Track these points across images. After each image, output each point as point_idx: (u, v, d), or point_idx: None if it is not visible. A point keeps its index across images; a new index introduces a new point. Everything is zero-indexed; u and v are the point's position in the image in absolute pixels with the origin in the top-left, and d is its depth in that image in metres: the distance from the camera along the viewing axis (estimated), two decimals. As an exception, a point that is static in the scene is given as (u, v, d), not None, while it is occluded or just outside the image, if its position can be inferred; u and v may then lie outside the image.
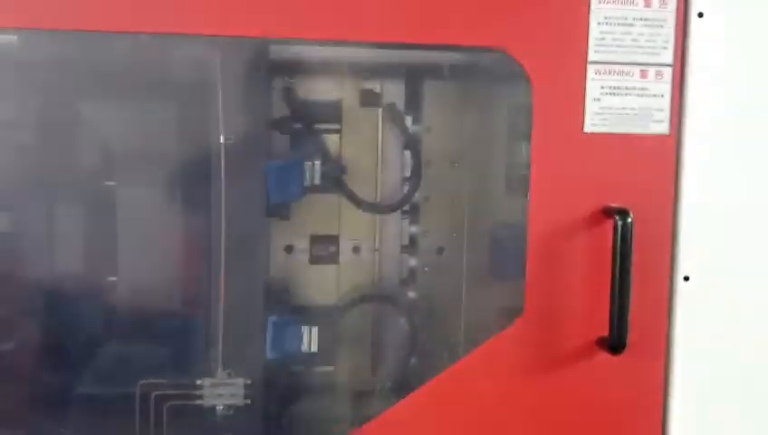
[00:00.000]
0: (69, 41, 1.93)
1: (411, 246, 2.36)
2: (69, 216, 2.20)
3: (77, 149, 2.22)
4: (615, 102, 1.87)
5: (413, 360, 2.33)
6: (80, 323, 2.21)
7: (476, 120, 2.33)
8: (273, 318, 2.19)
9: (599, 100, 1.86)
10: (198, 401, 2.11)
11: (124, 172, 2.19)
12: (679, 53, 1.87)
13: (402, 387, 2.05)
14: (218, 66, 2.08)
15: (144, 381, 2.11)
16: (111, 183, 2.17)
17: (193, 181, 2.19)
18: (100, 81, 2.10)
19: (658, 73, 1.87)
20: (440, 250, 2.36)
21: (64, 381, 2.16)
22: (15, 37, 2.00)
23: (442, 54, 2.18)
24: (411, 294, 2.38)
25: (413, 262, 2.37)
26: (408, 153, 2.33)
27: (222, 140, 2.08)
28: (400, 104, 2.32)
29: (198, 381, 2.11)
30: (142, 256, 2.22)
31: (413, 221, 2.36)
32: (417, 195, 2.33)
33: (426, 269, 2.36)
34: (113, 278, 2.19)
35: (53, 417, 2.15)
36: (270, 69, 2.18)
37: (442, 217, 2.37)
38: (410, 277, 2.38)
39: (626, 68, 1.86)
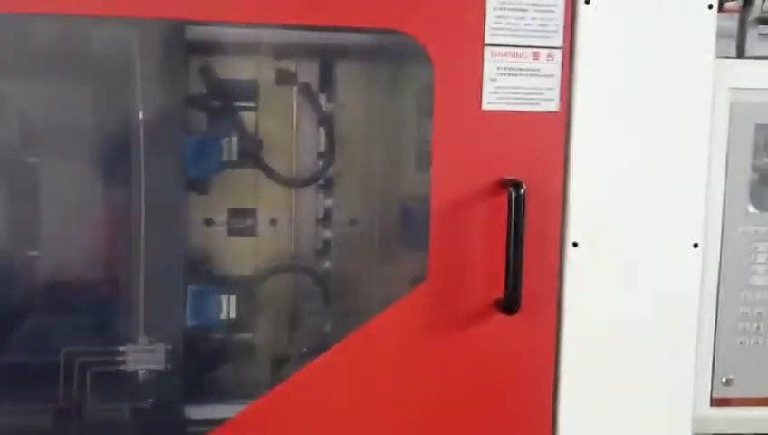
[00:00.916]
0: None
1: (326, 218, 2.46)
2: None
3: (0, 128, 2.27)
4: (510, 82, 1.98)
5: (327, 326, 2.44)
6: (6, 296, 2.26)
7: (386, 98, 2.44)
8: (192, 287, 2.28)
9: (495, 80, 1.97)
10: (121, 367, 2.18)
11: (46, 149, 2.25)
12: (568, 36, 1.97)
13: (317, 352, 2.15)
14: (136, 46, 2.16)
15: (68, 348, 2.18)
16: (33, 159, 2.23)
17: (113, 157, 2.26)
18: (23, 61, 2.16)
19: (549, 55, 1.99)
20: (353, 222, 2.47)
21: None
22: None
23: (352, 36, 2.27)
24: (326, 265, 2.49)
25: (327, 234, 2.48)
26: (322, 130, 2.44)
27: (141, 116, 2.16)
28: (314, 83, 2.41)
29: (121, 348, 2.19)
30: (65, 231, 2.28)
31: (327, 195, 2.45)
32: (331, 170, 2.43)
33: (339, 241, 2.47)
34: (36, 253, 2.25)
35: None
36: (187, 49, 2.25)
37: (355, 190, 2.48)
38: (325, 248, 2.48)
39: (519, 50, 1.97)
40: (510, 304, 1.96)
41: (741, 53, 2.33)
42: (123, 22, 2.04)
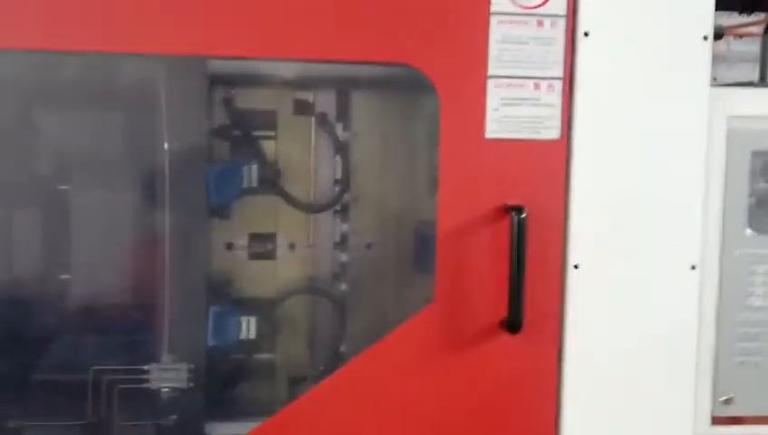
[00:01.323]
0: (27, 59, 2.14)
1: (342, 242, 2.55)
2: (28, 219, 2.37)
3: (35, 157, 2.39)
4: (512, 111, 2.07)
5: (343, 346, 2.54)
6: (38, 317, 2.38)
7: (399, 127, 2.55)
8: (214, 308, 2.39)
9: (497, 109, 2.07)
10: (146, 385, 2.29)
11: (77, 178, 2.38)
12: (568, 67, 2.07)
13: (332, 371, 2.25)
14: (162, 80, 2.29)
15: (96, 367, 2.29)
16: (66, 187, 2.36)
17: (141, 185, 2.39)
18: (59, 96, 2.30)
19: (550, 86, 2.09)
20: (369, 246, 2.57)
21: (26, 370, 2.32)
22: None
23: (365, 68, 2.39)
24: (342, 287, 2.59)
25: (344, 257, 2.58)
26: (338, 158, 2.55)
27: (166, 146, 2.29)
28: (331, 113, 2.53)
29: (146, 367, 2.30)
30: (94, 255, 2.40)
31: (344, 220, 2.54)
32: (347, 196, 2.54)
33: (354, 263, 2.57)
34: (67, 276, 2.37)
35: (16, 403, 2.30)
36: (210, 82, 2.38)
37: (370, 216, 2.59)
38: (342, 271, 2.57)
39: (521, 81, 2.07)
40: (513, 323, 2.05)
41: (763, 77, 2.41)
42: (149, 58, 2.16)
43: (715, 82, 2.15)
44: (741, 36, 5.04)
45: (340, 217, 2.55)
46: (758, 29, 2.70)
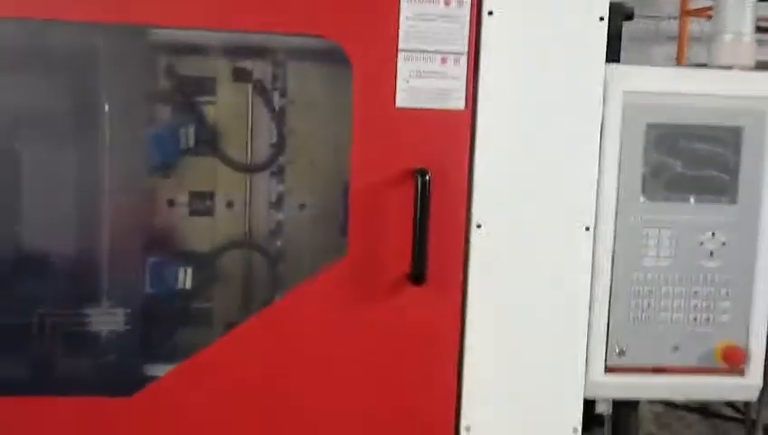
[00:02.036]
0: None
1: (277, 202, 2.73)
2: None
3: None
4: (421, 83, 2.24)
5: (276, 298, 2.73)
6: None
7: (330, 95, 2.72)
8: (152, 259, 2.58)
9: (407, 81, 2.24)
10: (86, 327, 2.49)
11: (27, 137, 2.54)
12: (473, 43, 2.24)
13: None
14: (104, 47, 2.46)
15: (41, 311, 2.48)
16: (15, 146, 2.52)
17: (85, 144, 2.57)
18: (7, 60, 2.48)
19: (455, 60, 2.25)
20: (302, 206, 2.76)
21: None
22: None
23: (300, 40, 2.55)
24: (277, 243, 2.78)
25: (279, 216, 2.76)
26: (273, 123, 2.73)
27: (106, 108, 2.47)
28: (267, 81, 2.71)
29: (87, 311, 2.50)
30: (42, 209, 2.59)
31: (279, 181, 2.73)
32: (282, 158, 2.73)
33: (288, 222, 2.76)
34: (17, 228, 2.56)
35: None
36: (153, 49, 2.56)
37: (303, 177, 2.77)
38: (277, 229, 2.76)
39: (429, 55, 2.23)
40: (417, 275, 2.23)
41: None
42: (94, 26, 2.33)
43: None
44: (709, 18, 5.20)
45: (276, 179, 2.72)
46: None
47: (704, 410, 3.85)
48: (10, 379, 2.48)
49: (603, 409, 2.67)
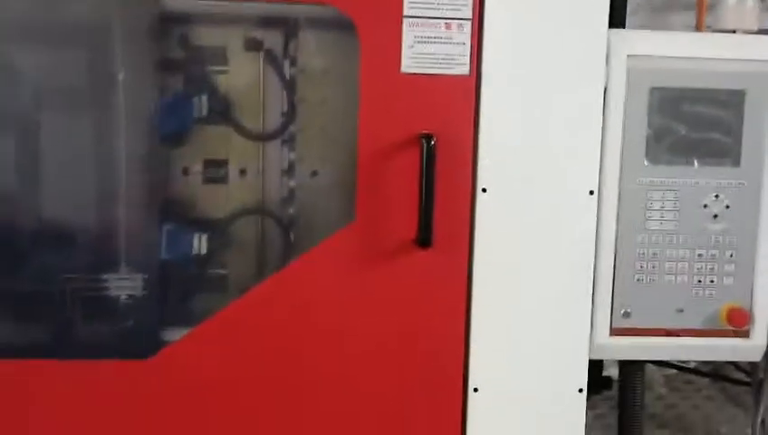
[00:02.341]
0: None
1: (289, 170, 2.79)
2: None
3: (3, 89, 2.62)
4: (426, 49, 2.28)
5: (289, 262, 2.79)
6: (12, 234, 2.63)
7: (341, 64, 2.76)
8: (167, 226, 2.65)
9: (412, 47, 2.29)
10: (105, 293, 2.57)
11: (46, 108, 2.61)
12: (477, 9, 2.27)
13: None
14: (117, 16, 2.52)
15: (62, 276, 2.56)
16: (32, 116, 2.57)
17: (100, 114, 2.63)
18: (18, 31, 2.53)
19: (460, 26, 2.29)
20: (314, 173, 2.82)
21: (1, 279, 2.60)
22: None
23: (310, 9, 2.60)
24: (290, 210, 2.84)
25: (291, 183, 2.82)
26: (285, 92, 2.78)
27: (120, 77, 2.54)
28: (279, 50, 2.75)
29: (105, 276, 2.58)
30: (60, 178, 2.66)
31: (291, 149, 2.78)
32: (293, 127, 2.78)
33: (301, 189, 2.82)
34: (36, 196, 2.63)
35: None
36: (165, 19, 2.62)
37: (315, 145, 2.83)
38: (289, 196, 2.82)
39: (433, 21, 2.27)
40: (423, 239, 2.29)
41: None
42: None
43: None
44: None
45: (288, 147, 2.77)
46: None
47: (714, 374, 3.89)
48: (33, 343, 2.57)
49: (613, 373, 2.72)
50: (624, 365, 2.68)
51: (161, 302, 2.61)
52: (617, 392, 2.72)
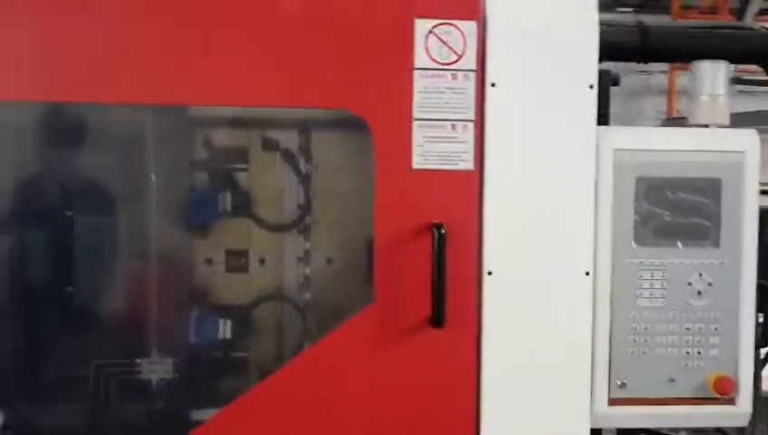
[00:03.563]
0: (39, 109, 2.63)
1: (305, 257, 3.00)
2: (40, 240, 2.82)
3: (46, 190, 2.86)
4: (433, 147, 2.53)
5: (307, 345, 2.99)
6: (50, 323, 2.85)
7: (353, 160, 3.01)
8: (195, 313, 2.86)
9: (422, 145, 2.53)
10: (138, 376, 2.76)
11: (80, 205, 2.84)
12: (479, 111, 2.52)
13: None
14: (149, 123, 2.78)
15: (97, 362, 2.76)
16: (70, 214, 2.82)
17: (132, 211, 2.87)
18: (65, 139, 2.78)
19: (464, 126, 2.54)
20: (329, 260, 3.03)
21: (40, 366, 2.79)
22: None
23: (323, 112, 2.85)
24: (306, 295, 3.05)
25: (307, 270, 3.03)
26: (300, 186, 3.02)
27: (153, 178, 2.77)
28: (294, 148, 3.00)
29: (138, 361, 2.77)
30: (95, 270, 2.89)
31: (306, 238, 2.99)
32: (308, 218, 3.00)
33: (316, 275, 3.03)
34: (71, 289, 2.84)
35: (31, 393, 2.77)
36: (192, 124, 2.88)
37: (329, 235, 3.04)
38: (305, 282, 3.03)
39: (440, 123, 2.52)
40: (436, 319, 2.50)
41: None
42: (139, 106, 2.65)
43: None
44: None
45: (304, 236, 2.99)
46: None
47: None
48: (70, 425, 2.74)
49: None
50: (622, 434, 2.87)
51: (190, 384, 2.79)
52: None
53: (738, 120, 2.87)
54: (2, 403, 2.73)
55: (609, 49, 2.68)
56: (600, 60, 2.76)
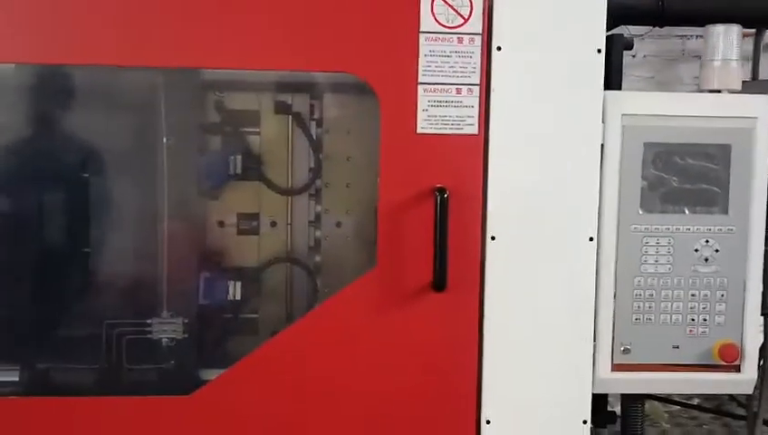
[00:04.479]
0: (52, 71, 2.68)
1: (316, 221, 3.02)
2: (56, 201, 2.89)
3: (63, 153, 2.92)
4: (438, 111, 2.52)
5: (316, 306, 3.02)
6: (65, 282, 2.91)
7: (363, 125, 3.02)
8: (205, 274, 2.91)
9: (426, 110, 2.53)
10: (148, 335, 2.82)
11: (95, 169, 2.89)
12: (484, 75, 2.52)
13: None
14: (163, 86, 2.81)
15: (109, 321, 2.82)
16: (86, 176, 2.88)
17: (146, 173, 2.91)
18: (80, 101, 2.83)
19: (469, 90, 2.54)
20: (338, 224, 3.06)
21: (55, 324, 2.87)
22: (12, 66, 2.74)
23: (333, 76, 2.87)
24: (316, 258, 3.08)
25: (317, 233, 3.05)
26: (311, 150, 3.04)
27: (164, 140, 2.81)
28: (305, 112, 3.01)
29: (148, 320, 2.83)
30: (109, 231, 2.94)
31: (317, 202, 3.02)
32: (319, 182, 3.03)
33: (326, 238, 3.07)
34: (87, 249, 2.90)
35: (46, 350, 2.85)
36: (204, 87, 2.90)
37: (339, 198, 3.07)
38: (316, 245, 3.07)
39: (445, 87, 2.52)
40: (438, 283, 2.51)
41: (755, 75, 2.80)
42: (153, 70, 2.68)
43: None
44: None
45: (315, 200, 3.02)
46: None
47: (715, 410, 4.05)
48: (84, 381, 2.81)
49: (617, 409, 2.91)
50: (626, 399, 2.88)
51: (200, 344, 2.84)
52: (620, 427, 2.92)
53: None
54: (16, 360, 2.80)
55: (625, 12, 2.65)
56: (617, 23, 2.74)
